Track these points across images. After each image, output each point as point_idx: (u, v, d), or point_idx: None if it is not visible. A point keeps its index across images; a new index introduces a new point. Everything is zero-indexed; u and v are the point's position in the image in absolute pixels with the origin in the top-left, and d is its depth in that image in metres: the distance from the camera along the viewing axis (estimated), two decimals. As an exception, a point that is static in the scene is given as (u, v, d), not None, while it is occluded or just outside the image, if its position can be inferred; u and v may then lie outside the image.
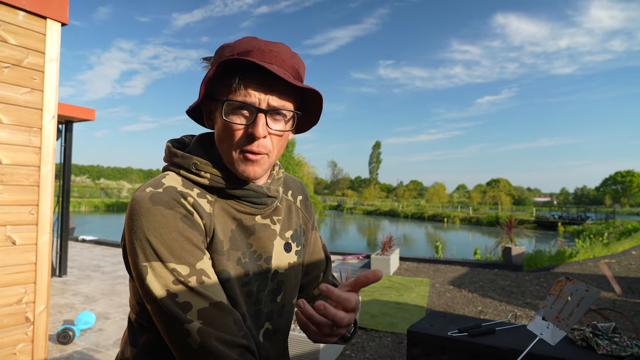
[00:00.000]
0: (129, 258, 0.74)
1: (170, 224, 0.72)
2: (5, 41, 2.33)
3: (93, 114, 6.56)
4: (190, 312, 0.68)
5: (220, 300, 0.71)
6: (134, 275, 0.73)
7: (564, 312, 0.91)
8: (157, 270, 0.70)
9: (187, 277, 0.70)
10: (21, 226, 2.41)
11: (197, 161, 0.79)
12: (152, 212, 0.72)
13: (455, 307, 5.63)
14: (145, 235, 0.71)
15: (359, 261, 9.49)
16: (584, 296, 0.90)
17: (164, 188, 0.75)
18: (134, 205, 0.73)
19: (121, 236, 0.79)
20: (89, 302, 5.32)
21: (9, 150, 2.35)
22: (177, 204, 0.74)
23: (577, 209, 41.20)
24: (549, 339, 0.89)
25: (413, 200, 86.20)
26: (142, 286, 0.71)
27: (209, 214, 0.77)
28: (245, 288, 0.81)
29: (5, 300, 2.33)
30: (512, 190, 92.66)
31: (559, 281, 0.94)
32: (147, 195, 0.73)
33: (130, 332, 0.84)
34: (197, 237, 0.74)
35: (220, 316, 0.69)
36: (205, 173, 0.79)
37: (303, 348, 3.20)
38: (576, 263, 9.32)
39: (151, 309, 0.71)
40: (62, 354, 3.63)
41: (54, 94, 2.56)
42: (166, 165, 0.84)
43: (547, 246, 11.81)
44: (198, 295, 0.69)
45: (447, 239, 22.85)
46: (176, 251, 0.71)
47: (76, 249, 9.66)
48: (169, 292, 0.69)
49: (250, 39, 0.78)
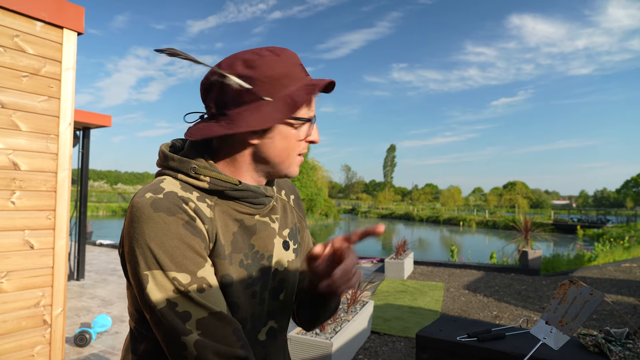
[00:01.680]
0: (128, 266, 0.73)
1: (172, 230, 0.71)
2: (23, 51, 2.40)
3: (109, 120, 6.68)
4: (189, 322, 0.68)
5: (219, 311, 0.71)
6: (133, 283, 0.73)
7: (567, 316, 0.90)
8: (158, 279, 0.70)
9: (187, 285, 0.70)
10: (39, 231, 2.47)
11: (196, 164, 0.79)
12: (153, 218, 0.71)
13: (470, 312, 5.56)
14: (146, 243, 0.70)
15: (373, 265, 9.45)
16: (587, 299, 0.88)
17: (165, 193, 0.74)
18: (134, 212, 0.73)
19: (119, 242, 0.79)
20: (105, 305, 5.41)
21: (27, 156, 2.41)
22: (179, 210, 0.73)
23: (596, 212, 40.33)
24: (552, 344, 0.88)
25: (428, 204, 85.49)
26: (141, 295, 0.71)
27: (210, 218, 0.77)
28: (250, 289, 0.82)
29: (23, 303, 2.39)
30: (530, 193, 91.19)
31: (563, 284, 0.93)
32: (148, 201, 0.72)
33: (131, 340, 0.85)
34: (199, 244, 0.74)
35: (219, 327, 0.70)
36: (205, 177, 0.79)
37: (314, 352, 3.20)
38: (595, 267, 9.12)
39: (150, 319, 0.71)
40: (79, 356, 3.70)
41: (70, 101, 2.62)
42: (160, 169, 0.84)
43: (566, 250, 11.57)
44: (197, 305, 0.69)
45: (462, 243, 22.59)
46: (178, 259, 0.71)
47: (94, 253, 9.83)
48: (168, 301, 0.69)
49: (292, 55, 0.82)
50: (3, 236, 2.31)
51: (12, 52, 2.34)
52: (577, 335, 1.47)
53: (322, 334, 3.36)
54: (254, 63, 0.77)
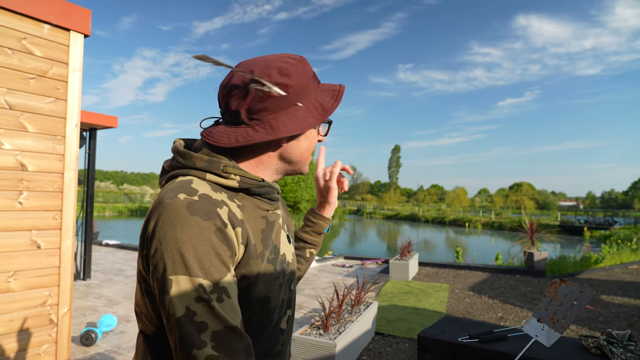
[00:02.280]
0: (152, 267, 0.72)
1: (205, 236, 0.71)
2: (31, 53, 2.43)
3: (116, 121, 6.73)
4: (205, 334, 0.68)
5: (235, 325, 0.71)
6: (156, 285, 0.72)
7: (558, 314, 0.90)
8: (182, 285, 0.69)
9: (209, 294, 0.69)
10: (46, 231, 2.50)
11: (225, 164, 0.81)
12: (189, 222, 0.70)
13: (475, 313, 5.55)
14: (178, 247, 0.69)
15: (378, 266, 9.45)
16: (578, 297, 0.89)
17: (200, 196, 0.74)
18: (167, 213, 0.72)
19: (140, 240, 0.78)
20: (111, 305, 5.45)
21: (34, 157, 2.44)
22: (214, 215, 0.73)
23: (604, 213, 39.99)
24: (544, 341, 0.88)
25: (434, 205, 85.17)
26: (162, 298, 0.70)
27: (241, 220, 0.79)
28: (277, 282, 0.85)
29: (30, 303, 2.42)
30: (536, 194, 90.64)
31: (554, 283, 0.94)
32: (183, 203, 0.72)
33: (151, 346, 0.83)
34: (226, 253, 0.74)
35: (232, 340, 0.70)
36: (235, 176, 0.81)
37: (318, 352, 3.20)
38: (602, 269, 9.07)
39: (167, 324, 0.71)
40: (84, 355, 3.73)
41: (76, 103, 2.65)
42: (182, 169, 0.82)
43: (572, 251, 11.49)
44: (215, 317, 0.69)
45: (468, 244, 22.50)
46: (205, 265, 0.70)
47: (100, 253, 9.89)
48: (188, 309, 0.68)
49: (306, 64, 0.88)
50: (11, 236, 2.34)
51: (19, 54, 2.38)
52: (579, 336, 1.46)
53: (326, 335, 3.37)
54: (288, 71, 0.82)
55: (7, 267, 2.31)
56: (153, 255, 0.72)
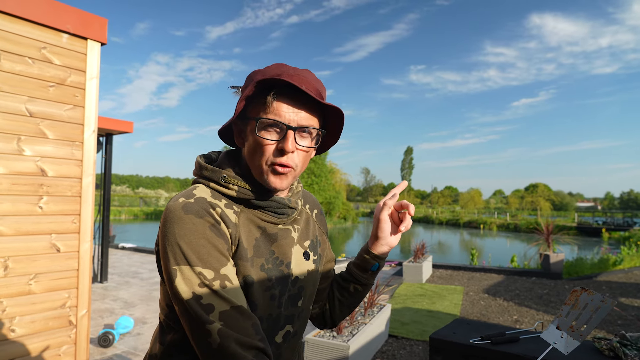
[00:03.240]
0: (162, 261, 0.81)
1: (200, 231, 0.79)
2: (50, 62, 2.50)
3: (131, 126, 6.85)
4: (213, 314, 0.74)
5: (240, 305, 0.77)
6: (165, 277, 0.80)
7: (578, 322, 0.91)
8: (186, 273, 0.76)
9: (211, 280, 0.76)
10: (65, 234, 2.56)
11: (226, 174, 0.87)
12: (184, 220, 0.79)
13: (490, 316, 5.50)
14: (176, 241, 0.78)
15: (391, 268, 9.42)
16: (599, 307, 0.89)
17: (195, 199, 0.82)
18: (167, 214, 0.81)
19: (155, 242, 0.87)
20: (128, 307, 5.54)
21: (54, 163, 2.51)
22: (206, 214, 0.81)
23: (623, 214, 39.19)
24: (562, 348, 0.89)
25: (448, 207, 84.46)
26: (171, 288, 0.78)
27: (234, 223, 0.84)
28: (269, 292, 0.87)
29: (50, 304, 2.49)
30: (552, 195, 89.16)
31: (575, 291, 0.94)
32: (180, 204, 0.81)
33: (160, 331, 0.92)
34: (223, 245, 0.81)
35: (239, 319, 0.76)
36: (233, 185, 0.86)
37: (331, 355, 3.22)
38: (621, 271, 8.90)
39: (178, 310, 0.78)
40: (102, 357, 3.80)
41: (94, 109, 2.72)
42: (196, 178, 0.91)
43: (590, 253, 11.31)
44: (220, 299, 0.76)
45: (483, 246, 22.26)
46: (203, 256, 0.77)
47: (116, 256, 10.05)
48: (194, 294, 0.75)
49: (279, 65, 0.85)
50: (32, 240, 2.41)
51: (39, 63, 2.45)
52: (592, 339, 1.46)
53: (339, 337, 3.38)
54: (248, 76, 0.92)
55: (28, 270, 2.38)
56: (161, 251, 0.81)
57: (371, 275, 1.05)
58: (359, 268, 1.04)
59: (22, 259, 2.36)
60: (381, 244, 1.00)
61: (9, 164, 2.32)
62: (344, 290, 1.08)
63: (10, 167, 2.32)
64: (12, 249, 2.32)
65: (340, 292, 1.09)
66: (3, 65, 2.30)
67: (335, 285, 1.11)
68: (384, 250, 1.01)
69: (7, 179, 2.31)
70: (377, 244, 1.00)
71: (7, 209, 2.31)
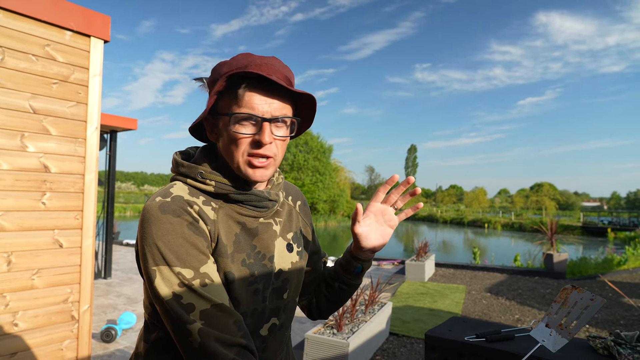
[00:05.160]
0: (141, 262, 0.81)
1: (177, 230, 0.78)
2: (54, 59, 2.53)
3: (135, 123, 6.89)
4: (193, 313, 0.74)
5: (221, 302, 0.77)
6: (145, 278, 0.80)
7: (567, 320, 0.91)
8: (165, 273, 0.76)
9: (191, 280, 0.76)
10: (67, 230, 2.59)
11: (202, 170, 0.86)
12: (161, 220, 0.78)
13: (492, 315, 5.50)
14: (154, 242, 0.77)
15: (394, 267, 9.42)
16: (588, 305, 0.90)
17: (172, 197, 0.82)
18: (145, 214, 0.80)
19: (135, 242, 0.86)
20: (131, 303, 5.58)
21: (57, 159, 2.54)
22: (184, 212, 0.80)
23: (629, 214, 38.92)
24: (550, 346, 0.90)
25: (452, 206, 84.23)
26: (151, 288, 0.77)
27: (213, 220, 0.84)
28: (252, 287, 0.87)
29: (53, 299, 2.52)
30: (558, 194, 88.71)
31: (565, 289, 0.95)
32: (157, 204, 0.80)
33: (145, 330, 0.92)
34: (202, 243, 0.80)
35: (221, 317, 0.76)
36: (210, 181, 0.86)
37: (331, 352, 3.24)
38: (625, 271, 8.85)
39: (159, 309, 0.78)
40: (105, 352, 3.84)
41: (97, 106, 2.74)
42: (174, 175, 0.91)
43: (595, 253, 11.26)
44: (200, 297, 0.75)
45: (487, 245, 22.20)
46: (182, 256, 0.77)
47: (120, 252, 10.12)
48: (174, 294, 0.75)
49: (245, 55, 0.84)
50: (34, 235, 2.44)
51: (43, 60, 2.47)
52: (586, 337, 1.46)
53: (339, 334, 3.40)
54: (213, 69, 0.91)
55: (31, 265, 2.41)
56: (139, 251, 0.80)
57: (356, 276, 1.03)
58: (343, 269, 1.03)
59: (25, 254, 2.39)
60: (363, 251, 0.97)
61: (13, 160, 2.35)
62: (329, 287, 1.07)
63: (14, 163, 2.35)
64: (15, 244, 2.35)
65: (327, 288, 1.08)
66: (7, 63, 2.32)
67: (323, 280, 1.10)
68: (366, 255, 0.99)
69: (11, 175, 2.34)
70: (359, 251, 0.98)
71: (11, 204, 2.34)
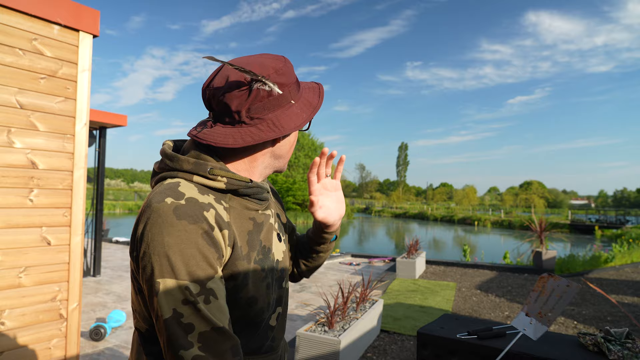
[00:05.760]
0: (141, 270, 0.74)
1: (192, 240, 0.72)
2: (41, 54, 2.48)
3: (125, 119, 6.82)
4: (192, 335, 0.70)
5: (222, 326, 0.72)
6: (145, 287, 0.74)
7: (545, 308, 0.92)
8: (170, 287, 0.70)
9: (196, 296, 0.71)
10: (55, 227, 2.55)
11: (212, 166, 0.82)
12: (175, 226, 0.72)
13: (482, 312, 5.54)
14: (165, 251, 0.71)
15: (385, 264, 9.45)
16: (565, 291, 0.90)
17: (187, 199, 0.76)
18: (154, 217, 0.73)
19: (131, 241, 0.78)
20: (120, 301, 5.53)
21: (44, 156, 2.50)
22: (201, 219, 0.74)
23: (616, 212, 39.48)
24: (531, 334, 0.90)
25: (443, 203, 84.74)
26: (151, 301, 0.72)
27: (227, 222, 0.80)
28: (264, 282, 0.87)
29: (41, 298, 2.48)
30: (546, 192, 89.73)
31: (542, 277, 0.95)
32: (170, 207, 0.73)
33: (143, 342, 0.85)
34: (213, 255, 0.75)
35: (219, 341, 0.72)
36: (222, 177, 0.82)
37: (323, 349, 3.23)
38: (612, 268, 8.98)
39: (156, 324, 0.73)
40: (94, 350, 3.80)
41: (86, 102, 2.70)
42: (169, 172, 0.84)
43: (583, 251, 11.40)
44: (202, 319, 0.71)
45: (477, 243, 22.38)
46: (192, 268, 0.72)
47: (110, 250, 10.02)
48: (175, 311, 0.70)
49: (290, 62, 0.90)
50: (22, 233, 2.40)
51: (30, 54, 2.43)
52: (577, 334, 1.48)
53: (331, 332, 3.40)
54: (281, 70, 0.84)
55: (18, 263, 2.37)
56: (142, 258, 0.73)
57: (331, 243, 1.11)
58: (317, 243, 1.09)
59: (12, 251, 2.35)
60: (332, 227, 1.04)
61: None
62: (308, 257, 1.14)
63: (0, 159, 2.31)
64: (2, 241, 2.31)
65: (306, 258, 1.14)
66: (-7, 57, 2.27)
67: (298, 251, 1.16)
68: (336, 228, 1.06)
69: (-3, 171, 2.29)
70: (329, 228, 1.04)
71: (-3, 201, 2.29)
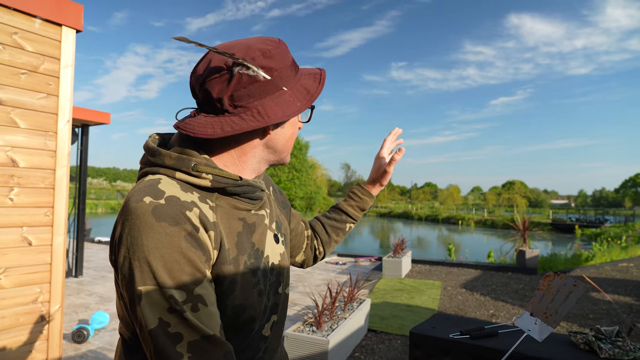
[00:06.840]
0: (121, 276, 0.67)
1: (174, 243, 0.66)
2: (22, 48, 2.40)
3: (108, 117, 6.69)
4: (180, 345, 0.64)
5: (213, 334, 0.67)
6: (126, 295, 0.67)
7: (551, 307, 0.91)
8: (153, 295, 0.64)
9: (183, 304, 0.65)
10: (37, 227, 2.48)
11: (197, 162, 0.74)
12: (155, 229, 0.65)
13: (467, 310, 5.59)
14: (145, 256, 0.64)
15: (371, 263, 9.48)
16: (571, 291, 0.90)
17: (167, 198, 0.68)
18: (133, 219, 0.66)
19: (110, 244, 0.71)
20: (103, 302, 5.42)
21: (25, 153, 2.42)
22: (183, 219, 0.67)
23: (595, 212, 40.39)
24: (536, 335, 0.89)
25: (427, 203, 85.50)
26: (133, 310, 0.66)
27: (213, 223, 0.73)
28: (256, 289, 0.79)
29: (21, 300, 2.41)
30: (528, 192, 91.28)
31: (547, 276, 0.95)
32: (149, 207, 0.66)
33: (126, 350, 0.79)
34: (200, 258, 0.68)
35: (210, 351, 0.66)
36: (207, 174, 0.74)
37: (311, 349, 3.22)
38: (592, 267, 9.16)
39: (140, 335, 0.67)
40: (76, 353, 3.71)
41: (68, 99, 2.63)
42: (151, 167, 0.76)
43: (564, 249, 11.62)
44: (190, 328, 0.65)
45: (461, 242, 22.63)
46: (176, 274, 0.65)
47: (92, 250, 9.83)
48: (161, 320, 0.64)
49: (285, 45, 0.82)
50: (1, 233, 2.32)
51: (10, 49, 2.35)
52: (567, 332, 1.48)
53: (319, 332, 3.38)
54: (271, 53, 0.76)
55: (-3, 264, 2.30)
56: (122, 264, 0.67)
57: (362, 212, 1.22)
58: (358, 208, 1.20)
59: (-9, 252, 2.27)
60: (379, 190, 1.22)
61: (-22, 153, 2.22)
62: (339, 230, 1.19)
63: (-21, 157, 2.23)
64: (-19, 242, 2.23)
65: (336, 233, 1.19)
66: (-29, 50, 2.19)
67: (328, 229, 1.19)
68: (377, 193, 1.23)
69: (-24, 169, 2.22)
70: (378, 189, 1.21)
71: (-25, 200, 2.22)
